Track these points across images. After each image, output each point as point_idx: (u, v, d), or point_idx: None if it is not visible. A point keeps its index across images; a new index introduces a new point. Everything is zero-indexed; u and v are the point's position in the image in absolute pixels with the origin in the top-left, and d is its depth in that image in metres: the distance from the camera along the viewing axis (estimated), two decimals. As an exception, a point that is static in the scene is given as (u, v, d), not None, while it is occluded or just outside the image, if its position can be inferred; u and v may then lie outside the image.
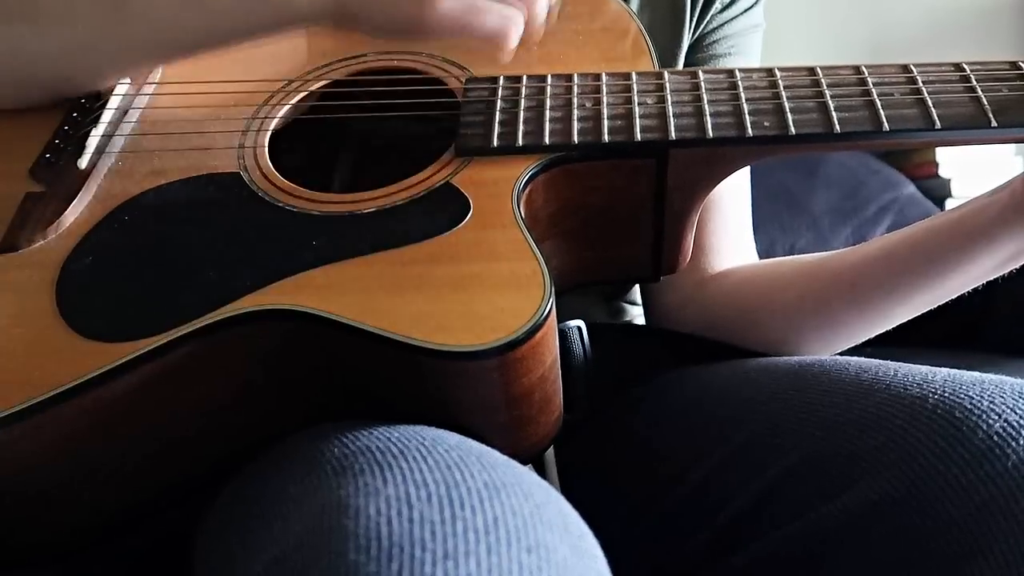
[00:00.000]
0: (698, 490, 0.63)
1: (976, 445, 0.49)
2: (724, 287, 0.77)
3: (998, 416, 0.50)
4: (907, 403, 0.53)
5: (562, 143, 0.59)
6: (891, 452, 0.52)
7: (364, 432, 0.49)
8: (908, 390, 0.54)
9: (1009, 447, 0.49)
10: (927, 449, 0.51)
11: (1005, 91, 0.58)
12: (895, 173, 1.62)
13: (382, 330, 0.50)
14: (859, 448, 0.53)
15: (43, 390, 0.50)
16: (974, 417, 0.51)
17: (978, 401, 0.51)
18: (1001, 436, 0.49)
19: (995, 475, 0.48)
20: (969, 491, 0.48)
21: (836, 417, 0.56)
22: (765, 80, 0.61)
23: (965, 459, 0.49)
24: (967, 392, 0.52)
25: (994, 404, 0.51)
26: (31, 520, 0.56)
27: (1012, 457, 0.49)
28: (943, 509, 0.49)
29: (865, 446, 0.53)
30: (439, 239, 0.55)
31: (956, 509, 0.49)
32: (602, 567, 0.44)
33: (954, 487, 0.49)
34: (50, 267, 0.56)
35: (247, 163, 0.61)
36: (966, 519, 0.48)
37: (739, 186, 0.81)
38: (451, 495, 0.42)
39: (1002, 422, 0.50)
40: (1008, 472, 0.48)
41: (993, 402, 0.51)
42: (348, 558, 0.39)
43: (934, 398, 0.53)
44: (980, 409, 0.51)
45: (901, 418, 0.53)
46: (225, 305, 0.52)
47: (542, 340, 0.51)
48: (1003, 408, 0.51)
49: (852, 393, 0.57)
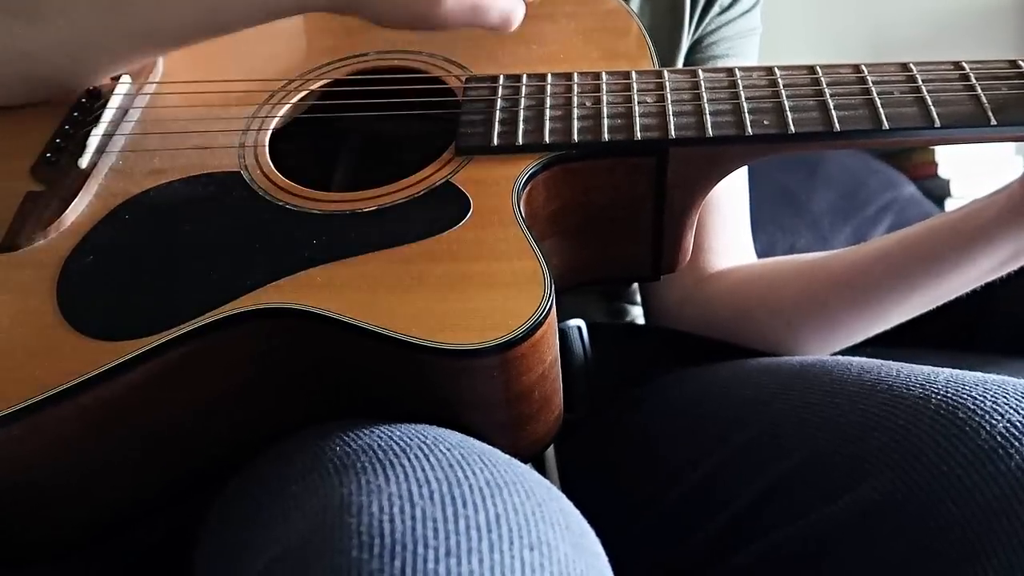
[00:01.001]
0: (699, 490, 0.63)
1: (979, 445, 0.49)
2: (723, 286, 0.78)
3: (1001, 416, 0.50)
4: (910, 404, 0.53)
5: (562, 142, 0.59)
6: (894, 453, 0.52)
7: (366, 431, 0.49)
8: (911, 390, 0.54)
9: (1012, 447, 0.49)
10: (930, 450, 0.50)
11: (1004, 89, 0.58)
12: (895, 173, 1.62)
13: (382, 328, 0.50)
14: (862, 449, 0.53)
15: (43, 389, 0.50)
16: (977, 417, 0.50)
17: (981, 401, 0.51)
18: (1004, 436, 0.49)
19: (998, 475, 0.48)
20: (972, 492, 0.48)
21: (838, 418, 0.56)
22: (765, 79, 0.61)
23: (968, 459, 0.49)
24: (970, 392, 0.52)
25: (997, 404, 0.51)
26: (31, 519, 0.56)
27: (1015, 457, 0.48)
28: (946, 510, 0.49)
29: (868, 447, 0.53)
30: (439, 238, 0.55)
31: (959, 510, 0.48)
32: (603, 565, 0.44)
33: (957, 488, 0.49)
34: (51, 266, 0.56)
35: (247, 162, 0.61)
36: (969, 520, 0.48)
37: (737, 186, 0.81)
38: (453, 493, 0.42)
39: (1005, 422, 0.50)
40: (1011, 472, 0.48)
41: (996, 402, 0.51)
42: (351, 555, 0.39)
43: (937, 398, 0.52)
44: (983, 409, 0.51)
45: (904, 419, 0.53)
46: (225, 304, 0.52)
47: (542, 338, 0.51)
48: (1006, 408, 0.51)
49: (854, 394, 0.57)
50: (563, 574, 0.40)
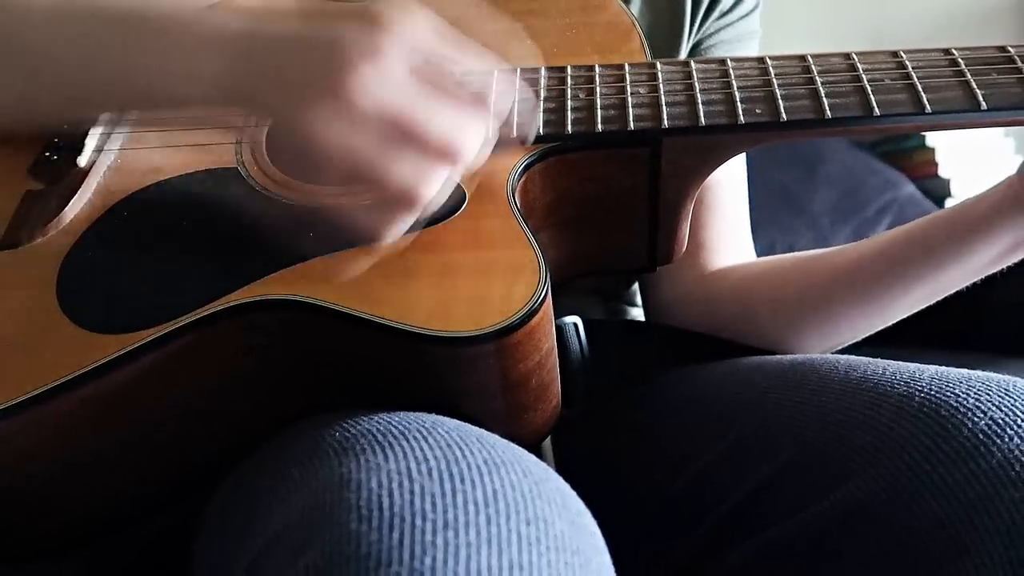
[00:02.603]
0: (693, 486, 0.63)
1: (961, 443, 0.49)
2: (725, 284, 0.78)
3: (983, 414, 0.50)
4: (894, 401, 0.53)
5: (556, 133, 0.59)
6: (878, 451, 0.52)
7: (365, 417, 0.49)
8: (895, 388, 0.54)
9: (994, 444, 0.49)
10: (913, 448, 0.50)
11: (994, 75, 0.59)
12: (895, 173, 1.62)
13: (379, 318, 0.51)
14: (848, 446, 0.53)
15: (44, 382, 0.51)
16: (959, 415, 0.50)
17: (964, 399, 0.51)
18: (986, 434, 0.49)
19: (980, 473, 0.48)
20: (955, 489, 0.48)
21: (825, 416, 0.56)
22: (756, 68, 0.61)
23: (950, 457, 0.49)
24: (953, 390, 0.52)
25: (980, 402, 0.51)
26: (33, 513, 0.56)
27: (997, 455, 0.48)
28: (929, 508, 0.49)
29: (853, 444, 0.53)
30: (435, 228, 0.55)
31: (942, 508, 0.48)
32: (599, 543, 0.45)
33: (939, 486, 0.49)
34: (51, 262, 0.56)
35: (244, 158, 0.62)
36: (952, 518, 0.48)
37: (737, 184, 0.82)
38: (451, 470, 0.42)
39: (987, 420, 0.50)
40: (993, 470, 0.48)
41: (979, 399, 0.51)
42: (350, 528, 0.40)
43: (920, 396, 0.52)
44: (965, 407, 0.51)
45: (888, 416, 0.53)
46: (223, 296, 0.53)
47: (538, 325, 0.52)
48: (988, 406, 0.50)
49: (841, 391, 0.57)
50: (559, 549, 0.41)
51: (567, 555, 0.41)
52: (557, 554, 0.41)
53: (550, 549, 0.40)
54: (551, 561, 0.40)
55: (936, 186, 1.65)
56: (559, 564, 0.40)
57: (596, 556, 0.44)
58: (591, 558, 0.43)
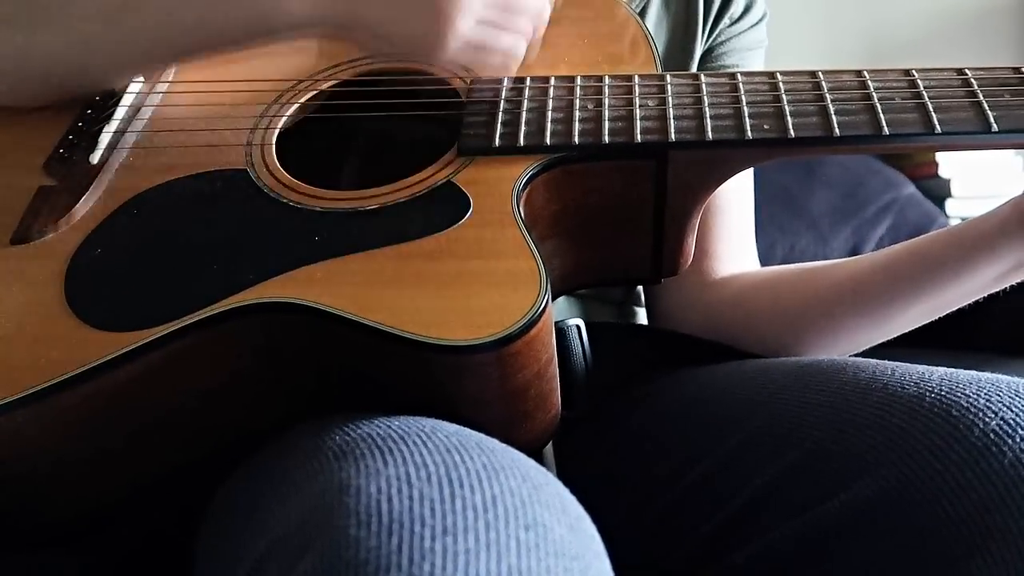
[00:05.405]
0: (697, 489, 0.63)
1: (972, 443, 0.50)
2: (728, 293, 0.78)
3: (994, 414, 0.50)
4: (904, 402, 0.53)
5: (563, 143, 0.59)
6: (888, 451, 0.52)
7: (365, 421, 0.50)
8: (905, 389, 0.54)
9: (1006, 444, 0.49)
10: (924, 448, 0.51)
11: (1007, 97, 0.58)
12: (895, 173, 1.61)
13: (380, 324, 0.51)
14: (857, 447, 0.53)
15: (48, 377, 0.51)
16: (970, 415, 0.51)
17: (974, 399, 0.51)
18: (997, 434, 0.49)
19: (991, 473, 0.48)
20: (966, 489, 0.49)
21: (834, 417, 0.56)
22: (766, 84, 0.61)
23: (962, 457, 0.49)
24: (963, 391, 0.52)
25: (990, 402, 0.51)
26: (35, 505, 0.57)
27: (1008, 455, 0.49)
28: (941, 508, 0.49)
29: (863, 445, 0.53)
30: (439, 236, 0.56)
31: (954, 508, 0.49)
32: (599, 548, 0.45)
33: (951, 486, 0.49)
34: (60, 258, 0.57)
35: (254, 160, 0.62)
36: (964, 518, 0.48)
37: (743, 192, 0.82)
38: (450, 475, 0.43)
39: (998, 420, 0.50)
40: (1005, 470, 0.48)
41: (990, 400, 0.51)
42: (349, 533, 0.40)
43: (931, 397, 0.53)
44: (976, 407, 0.51)
45: (898, 417, 0.53)
46: (228, 297, 0.53)
47: (538, 336, 0.52)
48: (999, 406, 0.51)
49: (849, 393, 0.57)
50: (558, 554, 0.41)
51: (566, 560, 0.41)
52: (556, 559, 0.41)
53: (549, 554, 0.40)
54: (550, 566, 0.40)
55: (936, 186, 1.63)
56: (558, 569, 0.40)
57: (596, 561, 0.44)
58: (591, 563, 0.43)
